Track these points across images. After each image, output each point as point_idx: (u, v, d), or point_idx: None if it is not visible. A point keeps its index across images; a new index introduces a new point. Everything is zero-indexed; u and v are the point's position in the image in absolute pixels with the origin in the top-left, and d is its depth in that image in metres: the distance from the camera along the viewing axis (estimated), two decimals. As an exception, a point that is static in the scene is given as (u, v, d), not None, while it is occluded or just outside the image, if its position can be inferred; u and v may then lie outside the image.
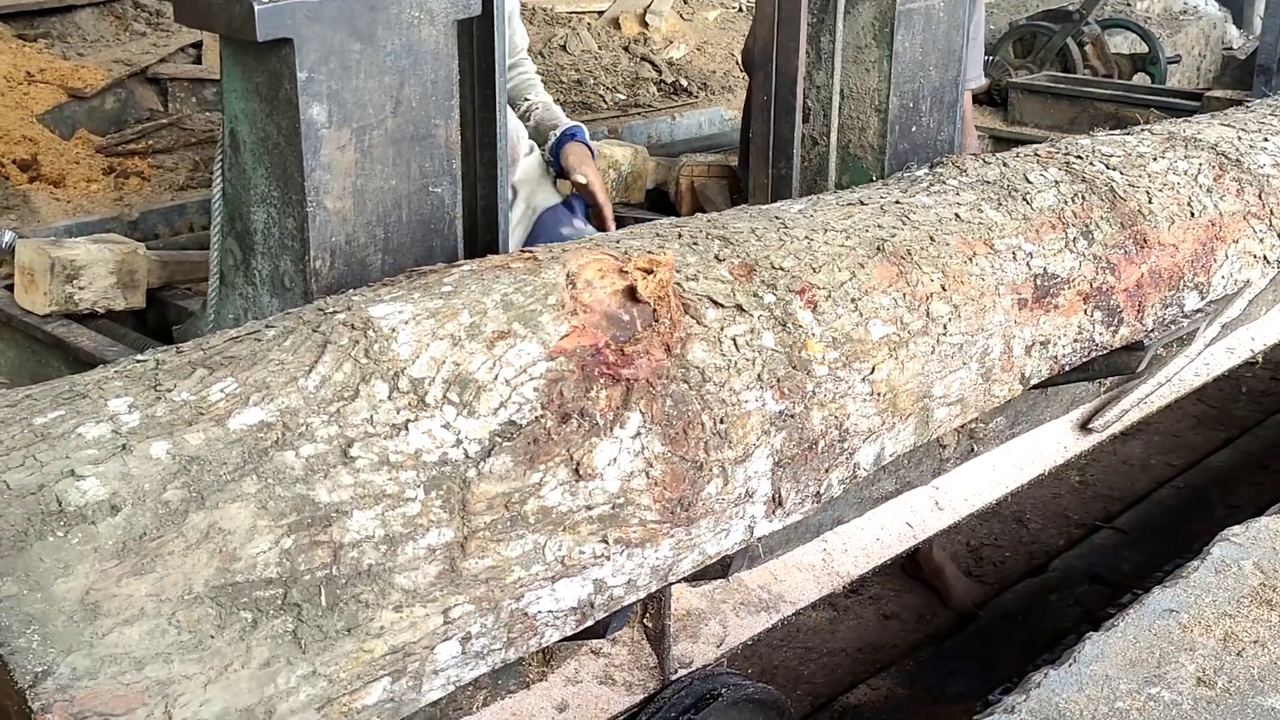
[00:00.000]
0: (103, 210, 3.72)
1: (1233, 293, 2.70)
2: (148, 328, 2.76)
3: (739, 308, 1.71)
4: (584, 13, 6.27)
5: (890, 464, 2.21)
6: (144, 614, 1.15)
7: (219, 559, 1.20)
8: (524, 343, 1.48)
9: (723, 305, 1.70)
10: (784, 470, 1.72)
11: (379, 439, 1.35)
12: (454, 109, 1.98)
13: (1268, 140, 2.77)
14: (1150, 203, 2.38)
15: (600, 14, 6.32)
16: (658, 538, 1.57)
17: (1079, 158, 2.42)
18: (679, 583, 2.05)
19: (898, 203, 2.11)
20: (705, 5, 6.81)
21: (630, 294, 1.58)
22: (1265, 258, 2.63)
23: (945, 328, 1.95)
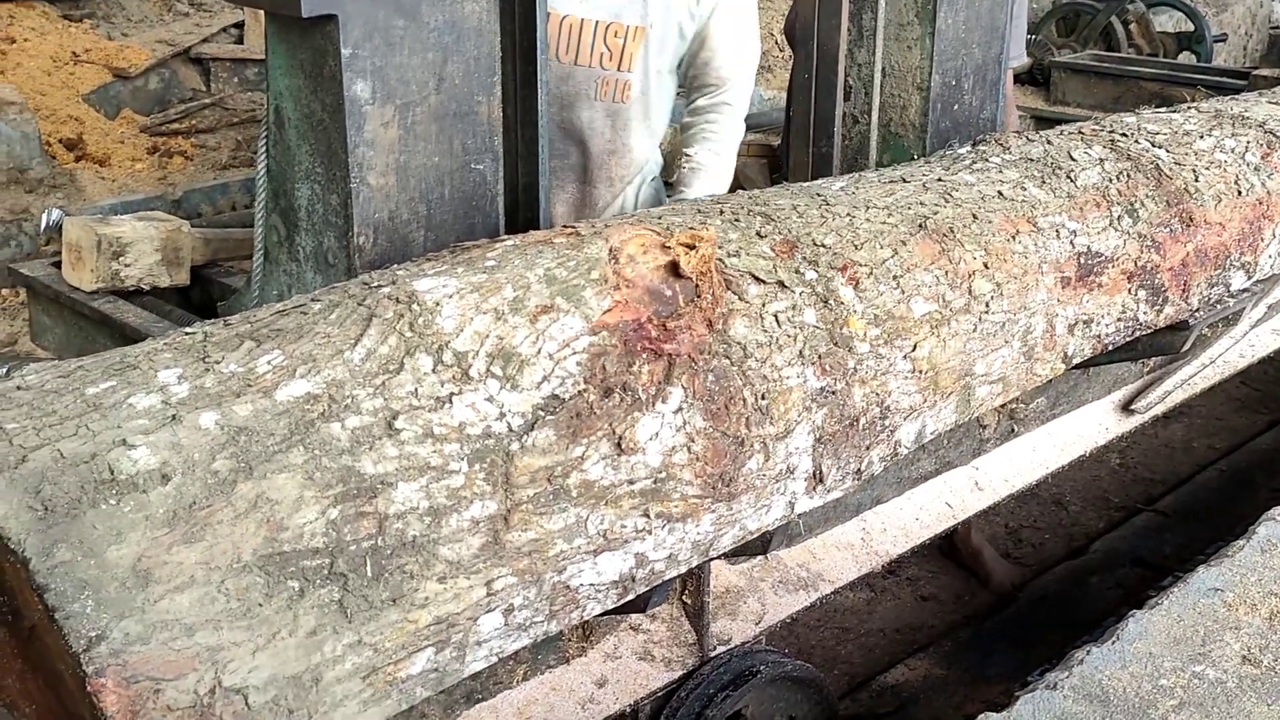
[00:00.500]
0: (147, 189, 3.76)
1: (1280, 273, 2.67)
2: (192, 304, 2.79)
3: (780, 284, 1.71)
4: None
5: (930, 443, 2.21)
6: (194, 581, 1.17)
7: (267, 528, 1.22)
8: (567, 317, 1.49)
9: (764, 281, 1.70)
10: (825, 447, 1.72)
11: (423, 411, 1.36)
12: (496, 86, 1.99)
13: (1317, 118, 2.73)
14: (1197, 181, 2.36)
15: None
16: (699, 512, 1.57)
17: (1124, 135, 2.40)
18: (718, 559, 2.06)
19: (940, 180, 2.10)
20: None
21: (673, 269, 1.58)
22: (1313, 237, 2.59)
23: (987, 306, 1.94)
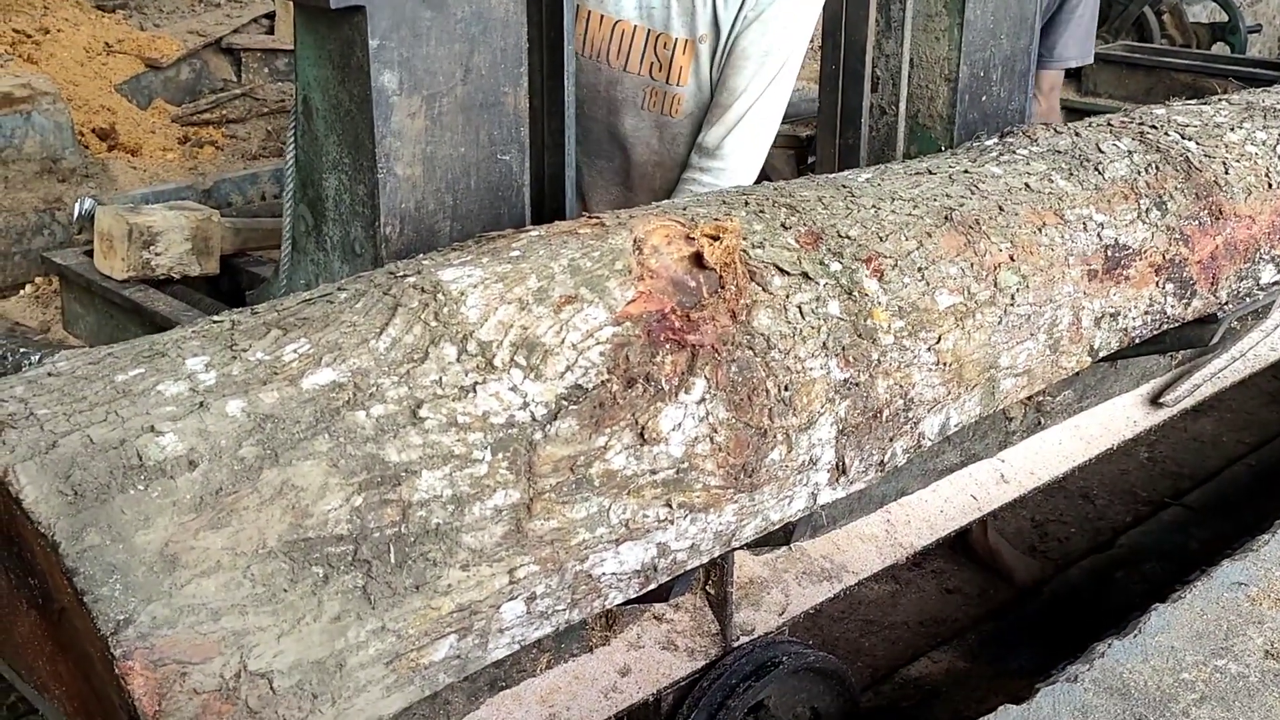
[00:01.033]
0: (178, 179, 3.79)
1: (1311, 266, 2.64)
2: (221, 293, 2.81)
3: (805, 275, 1.71)
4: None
5: (955, 435, 2.20)
6: (220, 566, 1.18)
7: (292, 515, 1.23)
8: (590, 307, 1.49)
9: (788, 273, 1.70)
10: (848, 438, 1.72)
11: (448, 400, 1.37)
12: (523, 77, 1.99)
13: (1350, 110, 2.70)
14: (1227, 173, 2.34)
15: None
16: (721, 503, 1.58)
17: (1153, 128, 2.38)
18: (741, 549, 2.06)
19: (966, 172, 2.09)
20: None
21: (697, 260, 1.59)
22: (1345, 231, 2.57)
23: (1013, 298, 1.94)
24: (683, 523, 1.54)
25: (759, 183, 2.23)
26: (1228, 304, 2.37)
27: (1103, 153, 2.23)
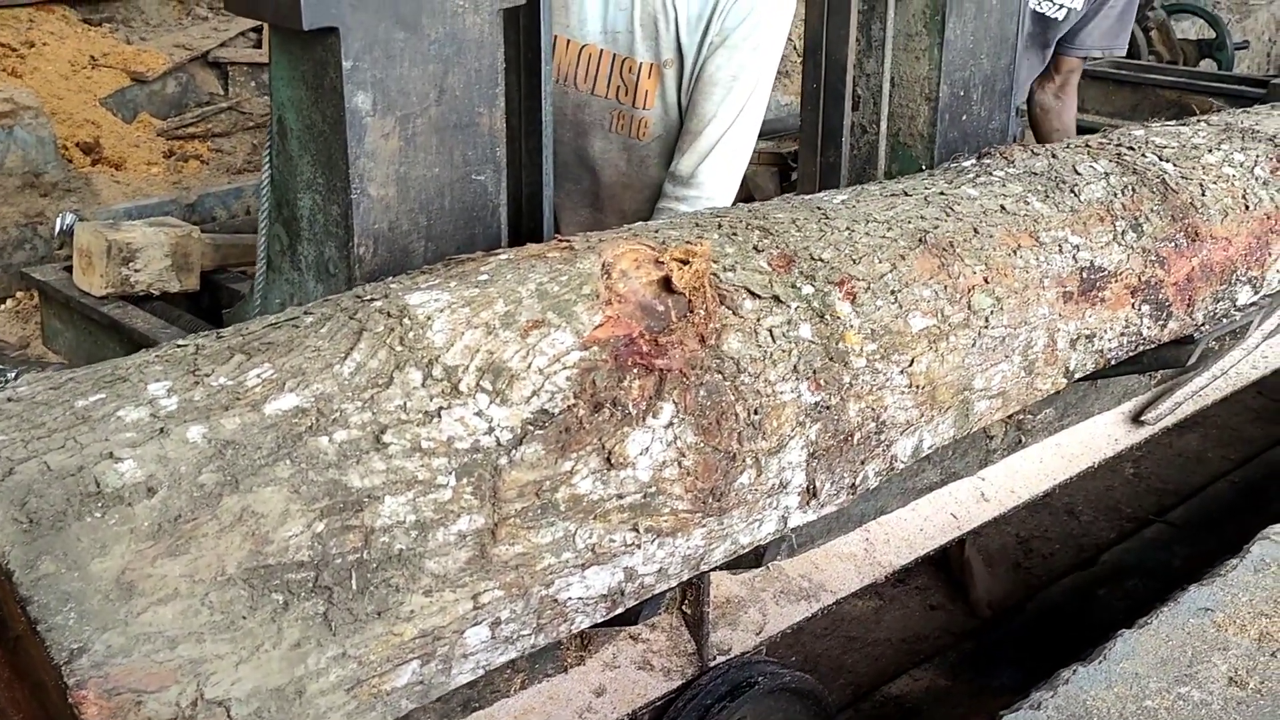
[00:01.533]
0: (162, 193, 3.79)
1: (1290, 286, 2.65)
2: (202, 310, 2.81)
3: (776, 298, 1.71)
4: None
5: (935, 454, 2.20)
6: (178, 594, 1.18)
7: (252, 542, 1.23)
8: (558, 332, 1.49)
9: (760, 296, 1.70)
10: (819, 462, 1.71)
11: (412, 426, 1.36)
12: (498, 97, 1.99)
13: (1329, 131, 2.71)
14: (1203, 195, 2.34)
15: None
16: (689, 527, 1.58)
17: (1131, 149, 2.39)
18: (715, 571, 2.06)
19: (942, 194, 2.09)
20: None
21: (665, 284, 1.59)
22: (1323, 251, 2.57)
23: (987, 320, 1.94)
24: (650, 547, 1.54)
25: (737, 202, 2.23)
26: (1204, 325, 2.37)
27: (1079, 174, 2.24)
